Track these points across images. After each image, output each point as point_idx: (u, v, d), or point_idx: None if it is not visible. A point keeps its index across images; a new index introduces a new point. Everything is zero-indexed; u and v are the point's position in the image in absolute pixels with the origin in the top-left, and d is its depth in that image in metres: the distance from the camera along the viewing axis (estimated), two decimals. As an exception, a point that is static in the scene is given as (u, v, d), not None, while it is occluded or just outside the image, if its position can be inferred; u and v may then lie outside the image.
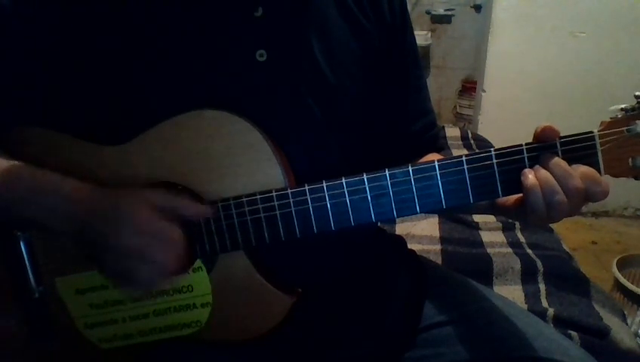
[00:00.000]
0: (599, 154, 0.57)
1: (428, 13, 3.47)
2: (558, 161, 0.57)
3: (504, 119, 2.63)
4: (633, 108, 0.57)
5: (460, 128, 2.45)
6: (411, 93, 0.78)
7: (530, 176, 0.57)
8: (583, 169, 0.57)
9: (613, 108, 0.58)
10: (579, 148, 0.58)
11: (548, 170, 0.57)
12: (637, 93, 0.57)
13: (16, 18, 0.61)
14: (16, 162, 0.60)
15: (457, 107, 3.62)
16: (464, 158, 0.59)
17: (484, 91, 2.71)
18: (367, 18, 0.71)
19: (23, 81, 0.63)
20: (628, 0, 2.40)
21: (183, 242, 0.58)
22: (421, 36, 3.28)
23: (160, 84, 0.62)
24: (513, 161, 0.58)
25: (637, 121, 0.57)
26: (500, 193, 0.59)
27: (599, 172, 0.58)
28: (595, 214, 2.74)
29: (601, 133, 0.57)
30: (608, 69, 2.47)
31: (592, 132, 0.58)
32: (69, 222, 0.58)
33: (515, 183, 0.59)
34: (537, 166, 0.57)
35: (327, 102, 0.67)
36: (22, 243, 0.64)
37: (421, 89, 0.80)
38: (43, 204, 0.58)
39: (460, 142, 2.17)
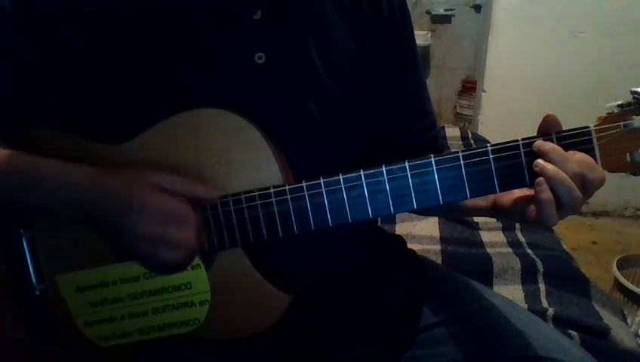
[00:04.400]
0: (596, 149, 0.58)
1: (428, 13, 3.48)
2: (553, 147, 0.57)
3: (504, 119, 2.63)
4: (629, 104, 0.58)
5: (460, 128, 2.45)
6: (410, 94, 0.78)
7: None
8: (578, 155, 0.57)
9: (609, 104, 0.59)
10: (575, 143, 0.58)
11: (544, 156, 0.57)
12: (633, 89, 0.57)
13: (17, 17, 0.61)
14: (17, 151, 0.60)
15: (457, 107, 3.62)
16: (461, 154, 0.59)
17: (484, 91, 2.71)
18: (365, 19, 0.71)
19: (25, 82, 0.63)
20: (628, 0, 2.41)
21: (197, 217, 0.59)
22: (421, 36, 3.28)
23: (160, 86, 0.63)
24: (510, 156, 0.59)
25: (634, 117, 0.57)
26: (497, 188, 0.60)
27: None
28: (595, 214, 2.74)
29: (598, 127, 0.58)
30: (608, 69, 2.47)
31: (588, 127, 0.58)
32: (75, 209, 0.59)
33: (512, 178, 0.59)
34: (539, 160, 0.58)
35: (325, 104, 0.67)
36: (24, 241, 0.65)
37: (420, 90, 0.80)
38: (46, 188, 0.59)
39: (460, 142, 2.17)
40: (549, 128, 0.59)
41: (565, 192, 0.56)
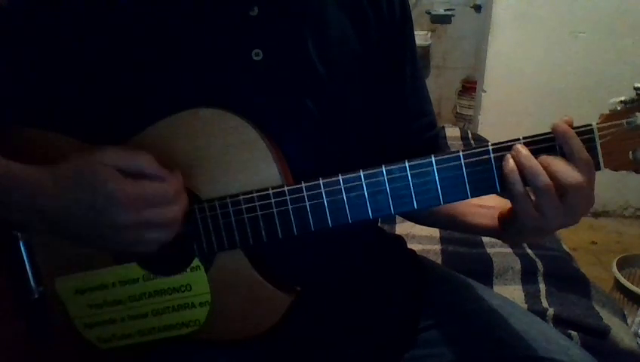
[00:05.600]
0: (598, 148, 0.57)
1: (428, 13, 3.48)
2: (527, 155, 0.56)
3: (504, 119, 2.63)
4: (632, 101, 0.56)
5: (460, 128, 2.46)
6: (409, 92, 0.78)
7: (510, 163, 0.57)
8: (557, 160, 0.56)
9: (612, 100, 0.57)
10: None
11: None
12: (636, 85, 0.56)
13: (14, 18, 0.61)
14: None
15: (457, 107, 3.62)
16: (461, 153, 0.59)
17: (484, 91, 2.71)
18: (365, 16, 0.71)
19: (21, 81, 0.63)
20: (628, 0, 2.40)
21: (174, 186, 0.57)
22: (421, 36, 3.28)
23: (157, 84, 0.62)
24: None
25: (637, 113, 0.56)
26: (498, 188, 0.59)
27: (599, 165, 0.57)
28: (595, 214, 2.74)
29: (600, 125, 0.57)
30: (608, 69, 2.47)
31: (590, 125, 0.57)
32: (34, 214, 0.57)
33: None
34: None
35: (323, 101, 0.67)
36: (21, 244, 0.64)
37: (419, 89, 0.80)
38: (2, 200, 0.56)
39: (460, 142, 2.18)
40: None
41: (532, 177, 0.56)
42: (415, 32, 0.78)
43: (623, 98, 0.57)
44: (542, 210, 0.57)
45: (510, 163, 0.57)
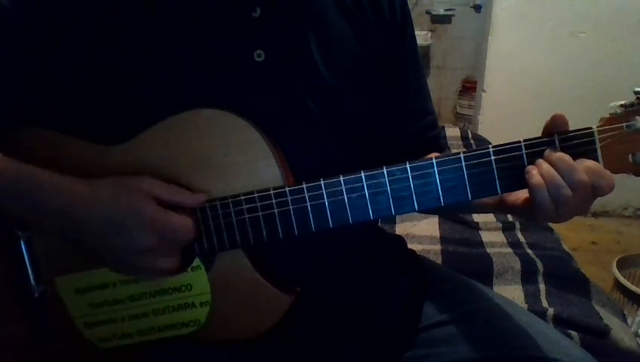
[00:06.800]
0: (598, 150, 0.57)
1: (428, 13, 3.48)
2: (561, 156, 0.56)
3: (504, 119, 2.63)
4: (633, 104, 0.57)
5: (460, 128, 2.46)
6: (410, 93, 0.78)
7: (534, 173, 0.57)
8: (587, 163, 0.56)
9: (612, 104, 0.58)
10: (578, 145, 0.57)
11: (552, 165, 0.56)
12: (636, 89, 0.57)
13: (17, 17, 0.61)
14: (11, 160, 0.58)
15: (457, 107, 3.62)
16: (462, 155, 0.59)
17: (484, 91, 2.71)
18: (366, 18, 0.71)
19: (23, 81, 0.63)
20: (628, 0, 2.41)
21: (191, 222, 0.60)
22: (421, 36, 3.28)
23: (159, 84, 0.63)
24: (512, 157, 0.58)
25: (637, 117, 0.56)
26: (499, 190, 0.59)
27: None
28: (595, 214, 2.74)
29: (601, 128, 0.57)
30: (608, 69, 2.47)
31: (590, 128, 0.58)
32: (65, 222, 0.59)
33: (514, 180, 0.59)
34: (540, 160, 0.57)
35: (325, 103, 0.67)
36: (22, 243, 0.64)
37: (421, 89, 0.80)
38: (37, 203, 0.58)
39: (460, 142, 2.18)
40: (555, 128, 0.58)
41: (556, 192, 0.56)
42: (415, 32, 0.79)
43: (623, 102, 0.57)
44: (562, 210, 0.57)
45: (535, 175, 0.57)
